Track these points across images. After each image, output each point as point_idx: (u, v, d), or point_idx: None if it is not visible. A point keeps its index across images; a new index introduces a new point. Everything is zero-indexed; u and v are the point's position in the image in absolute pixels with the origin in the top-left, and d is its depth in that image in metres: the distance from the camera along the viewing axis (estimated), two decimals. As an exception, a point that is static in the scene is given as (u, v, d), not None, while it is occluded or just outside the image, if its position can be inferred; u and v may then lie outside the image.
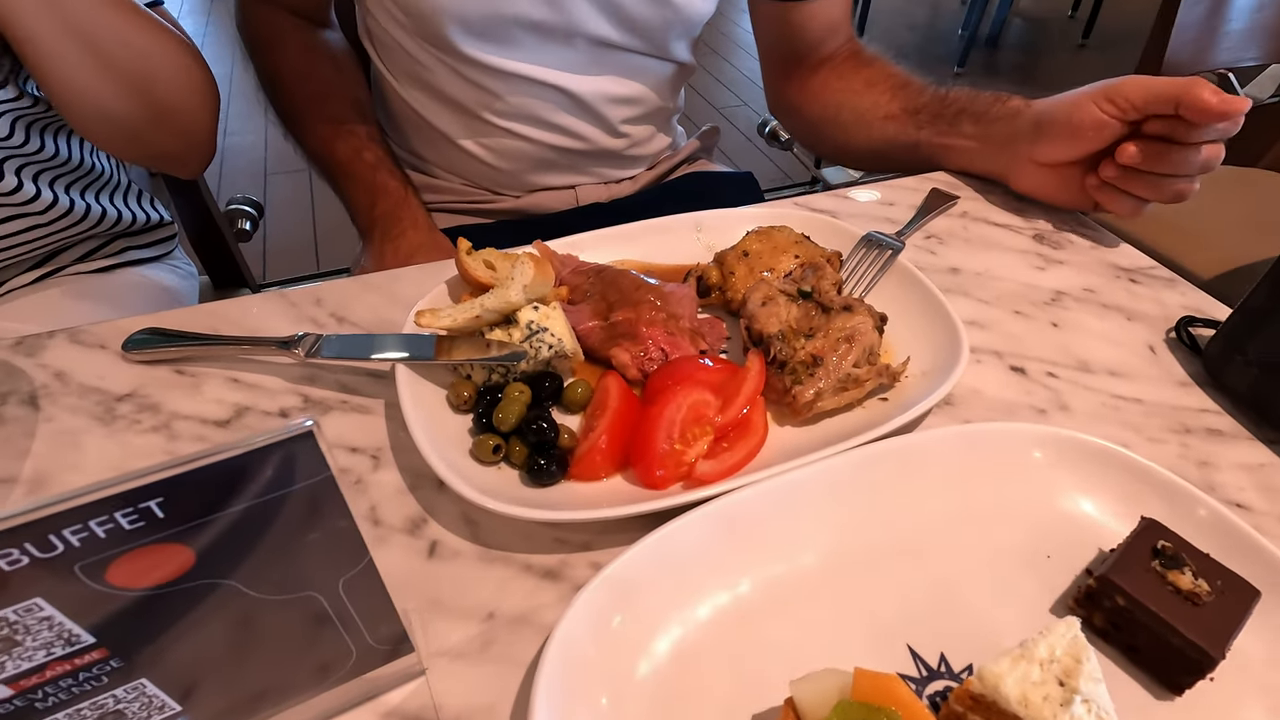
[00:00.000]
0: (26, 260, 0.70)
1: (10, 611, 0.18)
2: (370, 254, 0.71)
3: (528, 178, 0.81)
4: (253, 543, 0.21)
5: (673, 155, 0.90)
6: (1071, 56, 3.49)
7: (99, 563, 0.19)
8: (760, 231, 0.51)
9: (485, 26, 0.67)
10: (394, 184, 0.72)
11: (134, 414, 0.43)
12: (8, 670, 0.19)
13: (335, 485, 0.21)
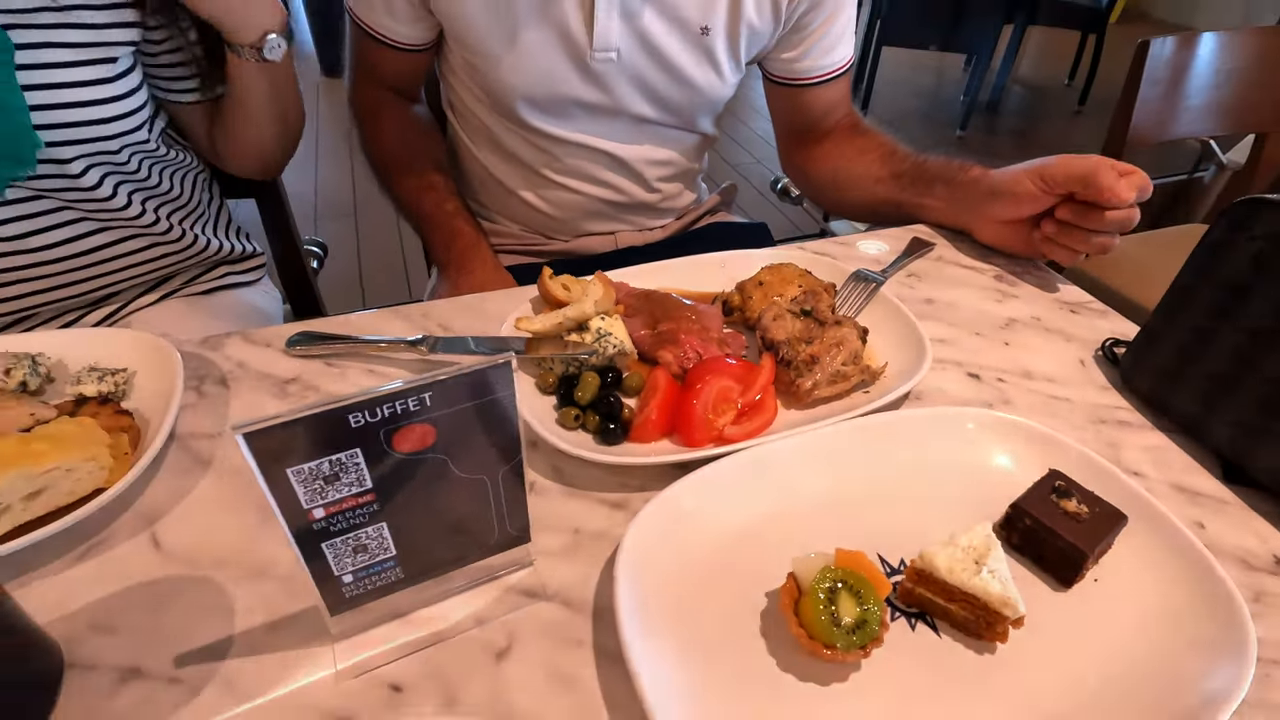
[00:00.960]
0: (149, 280, 0.84)
1: (343, 455, 0.32)
2: (446, 285, 0.86)
3: (577, 224, 0.97)
4: (463, 430, 0.34)
5: (697, 208, 1.06)
6: (1068, 121, 3.69)
7: (390, 430, 0.32)
8: (771, 267, 0.65)
9: (548, 104, 0.84)
10: (468, 229, 0.87)
11: (300, 393, 0.57)
12: (329, 496, 0.33)
13: (514, 398, 0.35)
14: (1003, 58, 3.50)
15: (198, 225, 0.86)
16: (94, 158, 0.71)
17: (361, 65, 0.90)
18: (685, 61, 0.82)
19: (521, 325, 0.56)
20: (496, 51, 0.79)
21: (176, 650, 0.39)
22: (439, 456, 0.35)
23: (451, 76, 0.90)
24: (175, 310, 0.87)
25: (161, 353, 0.55)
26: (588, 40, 0.77)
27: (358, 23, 0.84)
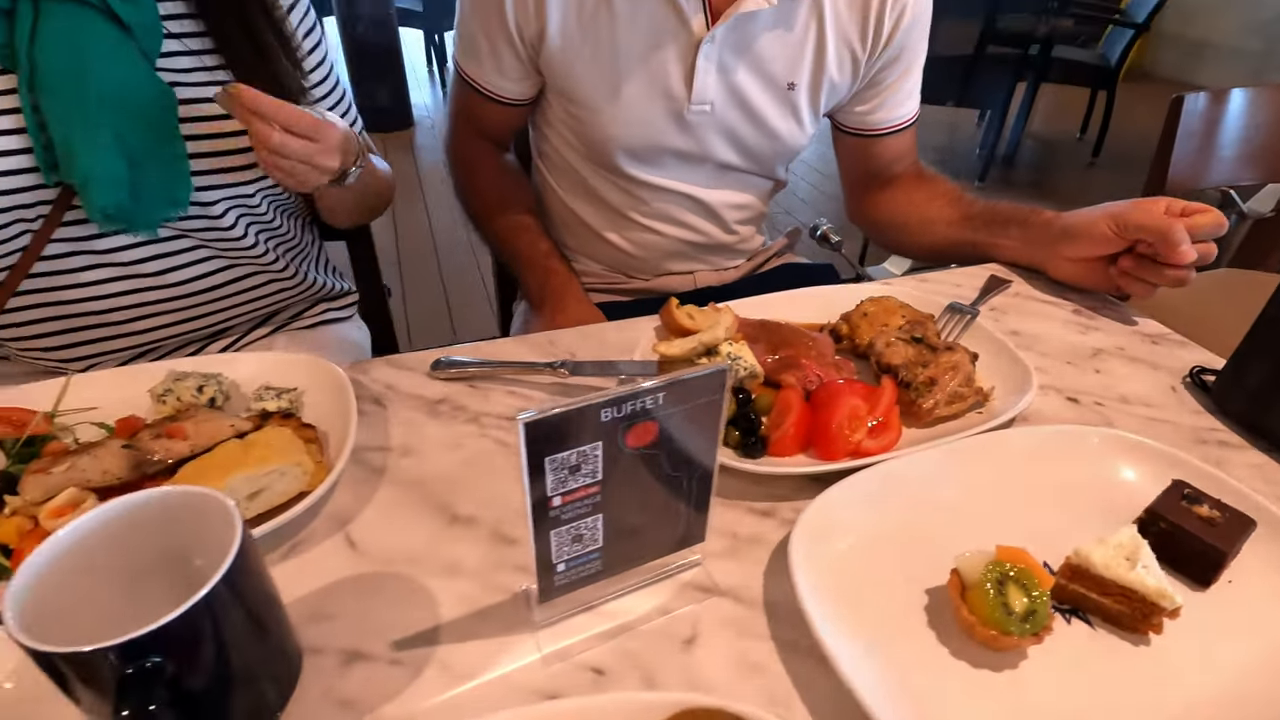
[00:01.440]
0: (262, 314, 0.90)
1: (588, 447, 0.36)
2: (542, 321, 0.91)
3: (658, 264, 1.03)
4: (679, 430, 0.39)
5: (766, 250, 1.12)
6: (1082, 174, 3.80)
7: (627, 426, 0.37)
8: (873, 299, 0.70)
9: (643, 153, 0.90)
10: (561, 268, 0.93)
11: (450, 412, 0.61)
12: (568, 486, 0.37)
13: (723, 403, 0.39)
14: (1017, 113, 3.63)
15: (305, 263, 0.92)
16: (234, 201, 0.78)
17: (464, 116, 0.97)
18: (771, 114, 0.89)
19: (660, 349, 0.60)
20: (600, 105, 0.86)
21: (392, 636, 0.43)
22: (657, 453, 0.39)
23: (546, 127, 0.98)
24: (283, 343, 0.92)
25: (328, 373, 0.59)
26: (686, 94, 0.84)
27: (465, 79, 0.92)
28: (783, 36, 0.84)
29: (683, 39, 0.82)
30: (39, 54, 0.62)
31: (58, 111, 0.64)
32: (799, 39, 0.84)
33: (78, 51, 0.63)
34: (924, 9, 0.87)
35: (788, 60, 0.85)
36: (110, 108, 0.65)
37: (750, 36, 0.82)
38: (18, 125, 0.64)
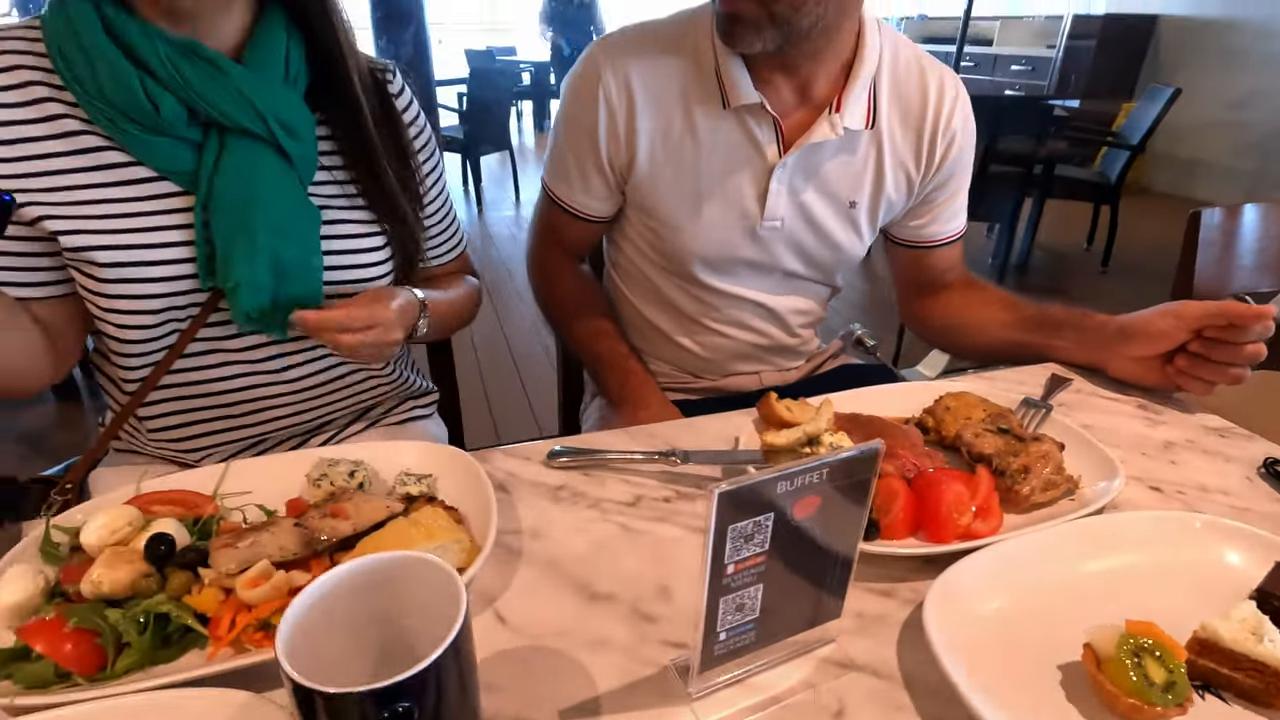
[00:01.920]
0: (359, 408, 0.96)
1: (762, 517, 0.40)
2: (623, 418, 0.96)
3: (725, 365, 1.09)
4: (836, 504, 0.43)
5: (823, 352, 1.18)
6: (1094, 282, 3.93)
7: (795, 498, 0.41)
8: (952, 394, 0.75)
9: (718, 264, 0.99)
10: (639, 369, 1.00)
11: (571, 498, 0.65)
12: (742, 554, 0.41)
13: (871, 482, 0.43)
14: (1025, 226, 3.82)
15: (398, 362, 1.00)
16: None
17: (548, 231, 1.07)
18: (834, 228, 0.98)
19: (768, 439, 0.65)
20: (681, 223, 0.95)
21: (556, 706, 0.45)
22: (816, 526, 0.43)
23: (622, 240, 1.07)
24: (377, 438, 0.98)
25: (459, 461, 0.64)
26: (759, 212, 0.94)
27: (553, 198, 1.02)
28: (847, 162, 0.94)
29: (758, 165, 0.92)
30: (218, 180, 0.72)
31: (224, 228, 0.72)
32: (861, 164, 0.94)
33: (249, 179, 0.73)
34: (970, 139, 0.98)
35: (850, 182, 0.95)
36: (268, 226, 0.74)
37: (818, 162, 0.93)
38: (188, 238, 0.73)
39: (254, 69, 0.72)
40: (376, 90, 0.83)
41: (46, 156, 0.69)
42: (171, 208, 0.73)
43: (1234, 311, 0.76)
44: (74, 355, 0.80)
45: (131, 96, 0.66)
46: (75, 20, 0.66)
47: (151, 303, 0.73)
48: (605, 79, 0.90)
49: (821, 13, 0.80)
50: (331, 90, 0.79)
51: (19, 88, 0.68)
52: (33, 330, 0.73)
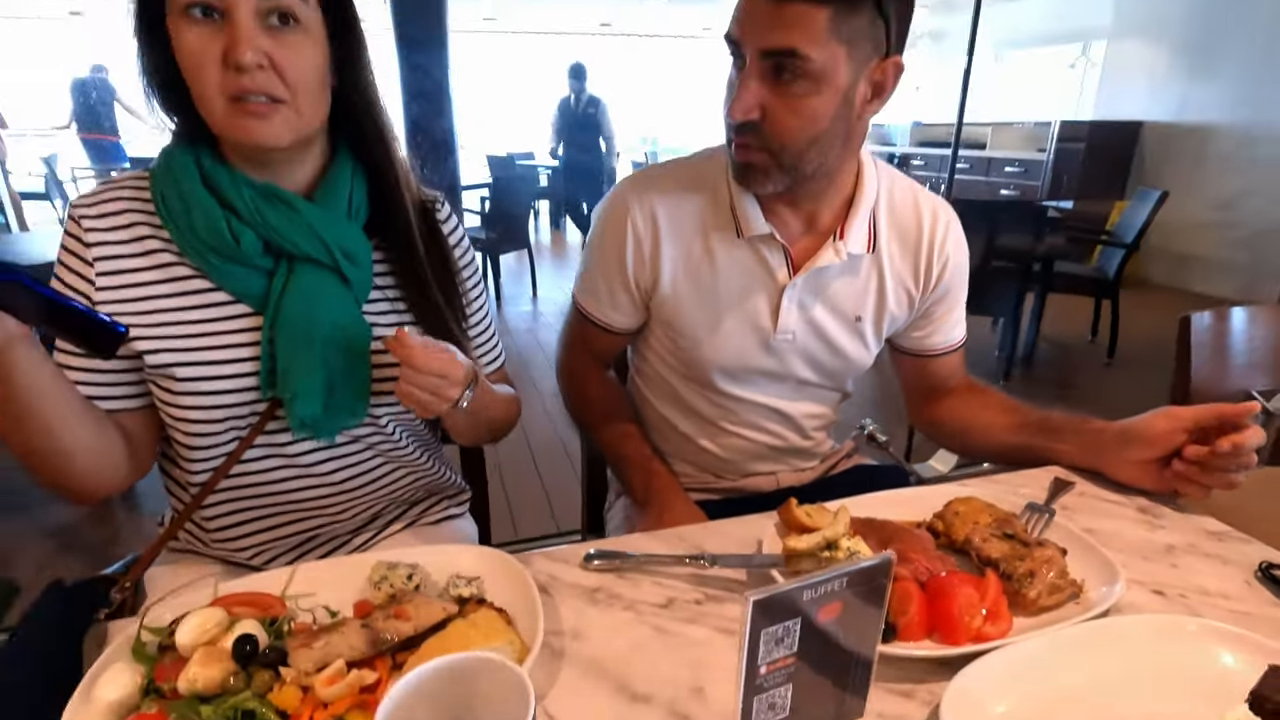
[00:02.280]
0: (400, 504, 1.02)
1: (791, 622, 0.46)
2: (648, 517, 1.01)
3: (744, 466, 1.15)
4: (856, 609, 0.48)
5: (837, 452, 1.24)
6: (1100, 374, 3.99)
7: (819, 604, 0.46)
8: (960, 499, 0.81)
9: (736, 373, 1.07)
10: (663, 470, 1.06)
11: (607, 600, 0.70)
12: (773, 656, 0.46)
13: (887, 588, 0.49)
14: (1028, 320, 3.93)
15: (435, 460, 1.06)
16: (394, 413, 0.93)
17: (578, 341, 1.16)
18: (843, 341, 1.06)
19: (789, 544, 0.71)
20: (702, 336, 1.04)
21: (605, 802, 0.49)
22: (839, 629, 0.48)
23: (646, 349, 1.16)
24: (415, 538, 1.03)
25: (504, 564, 0.70)
26: (773, 327, 1.03)
27: (583, 312, 1.11)
28: (851, 282, 1.03)
29: (770, 285, 1.01)
30: (285, 302, 0.81)
31: (287, 344, 0.81)
32: (864, 283, 1.04)
33: (313, 301, 0.82)
34: (963, 258, 1.08)
35: (855, 299, 1.04)
36: (325, 341, 0.83)
37: (825, 282, 1.02)
38: (254, 354, 0.82)
39: (322, 206, 0.83)
40: (426, 219, 0.94)
41: (143, 285, 0.80)
42: (242, 327, 0.82)
43: (1225, 411, 0.83)
44: (150, 461, 0.88)
45: (218, 233, 0.77)
46: (176, 170, 0.78)
47: (218, 412, 0.82)
48: (633, 211, 1.02)
49: (823, 159, 0.91)
50: (387, 220, 0.89)
51: (126, 228, 0.80)
52: (118, 439, 0.81)
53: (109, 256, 0.79)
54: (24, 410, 0.70)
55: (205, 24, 0.70)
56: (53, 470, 0.76)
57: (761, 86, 0.84)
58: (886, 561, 0.48)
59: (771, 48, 0.81)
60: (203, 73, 0.71)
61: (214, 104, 0.72)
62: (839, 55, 0.82)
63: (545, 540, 2.19)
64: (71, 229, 0.80)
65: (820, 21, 0.79)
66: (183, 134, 0.80)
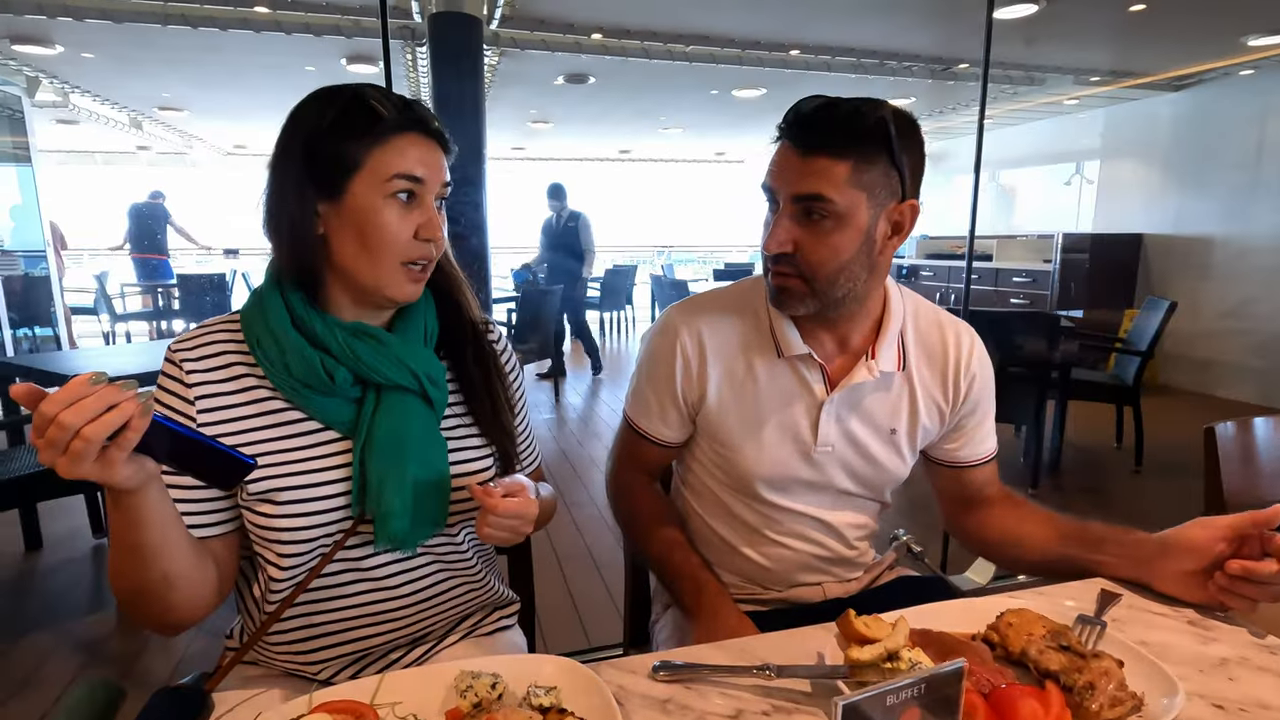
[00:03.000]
0: (453, 619, 1.05)
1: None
2: (699, 628, 1.04)
3: (790, 576, 1.18)
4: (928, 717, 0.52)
5: (880, 563, 1.26)
6: (1131, 480, 3.94)
7: (900, 712, 0.50)
8: (1013, 611, 0.84)
9: (778, 483, 1.12)
10: (713, 581, 1.09)
11: (678, 710, 0.73)
12: (861, 761, 0.49)
13: (959, 695, 0.53)
14: (1051, 426, 3.94)
15: (491, 572, 1.10)
16: (465, 519, 0.99)
17: (627, 455, 1.23)
18: (879, 452, 1.12)
19: (853, 655, 0.74)
20: (744, 448, 1.10)
21: None
22: (916, 734, 0.51)
23: (692, 461, 1.22)
24: (470, 650, 1.06)
25: (578, 674, 0.73)
26: (813, 439, 1.09)
27: (634, 427, 1.19)
28: (884, 397, 1.11)
29: (809, 400, 1.09)
30: (375, 427, 0.89)
31: (378, 465, 0.88)
32: (896, 398, 1.11)
33: (401, 424, 0.90)
34: (988, 374, 1.15)
35: (889, 413, 1.11)
36: (412, 459, 0.90)
37: (860, 397, 1.10)
38: (344, 475, 0.89)
39: (402, 335, 0.93)
40: (483, 335, 1.04)
41: (241, 419, 0.87)
42: (333, 451, 0.89)
43: (1259, 517, 0.86)
44: (230, 586, 0.92)
45: (313, 371, 0.86)
46: (269, 313, 0.87)
47: (312, 531, 0.87)
48: (681, 334, 1.12)
49: (851, 285, 1.02)
50: (455, 341, 1.00)
51: (225, 368, 0.89)
52: (212, 565, 0.86)
53: (209, 395, 0.86)
54: (149, 544, 0.74)
55: (404, 205, 0.85)
56: (155, 601, 0.79)
57: (793, 225, 0.98)
58: (959, 669, 0.52)
59: (800, 193, 0.95)
60: (397, 241, 0.85)
61: (387, 266, 0.86)
62: (859, 200, 0.95)
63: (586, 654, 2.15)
64: (169, 370, 0.86)
65: (842, 172, 0.93)
66: (281, 272, 0.89)
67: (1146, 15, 4.35)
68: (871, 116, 0.93)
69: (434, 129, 0.88)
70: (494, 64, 5.50)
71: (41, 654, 2.21)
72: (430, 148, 0.87)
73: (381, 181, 0.84)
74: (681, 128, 9.22)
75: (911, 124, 0.98)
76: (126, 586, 0.79)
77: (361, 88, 0.86)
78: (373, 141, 0.84)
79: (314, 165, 0.84)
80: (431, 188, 0.87)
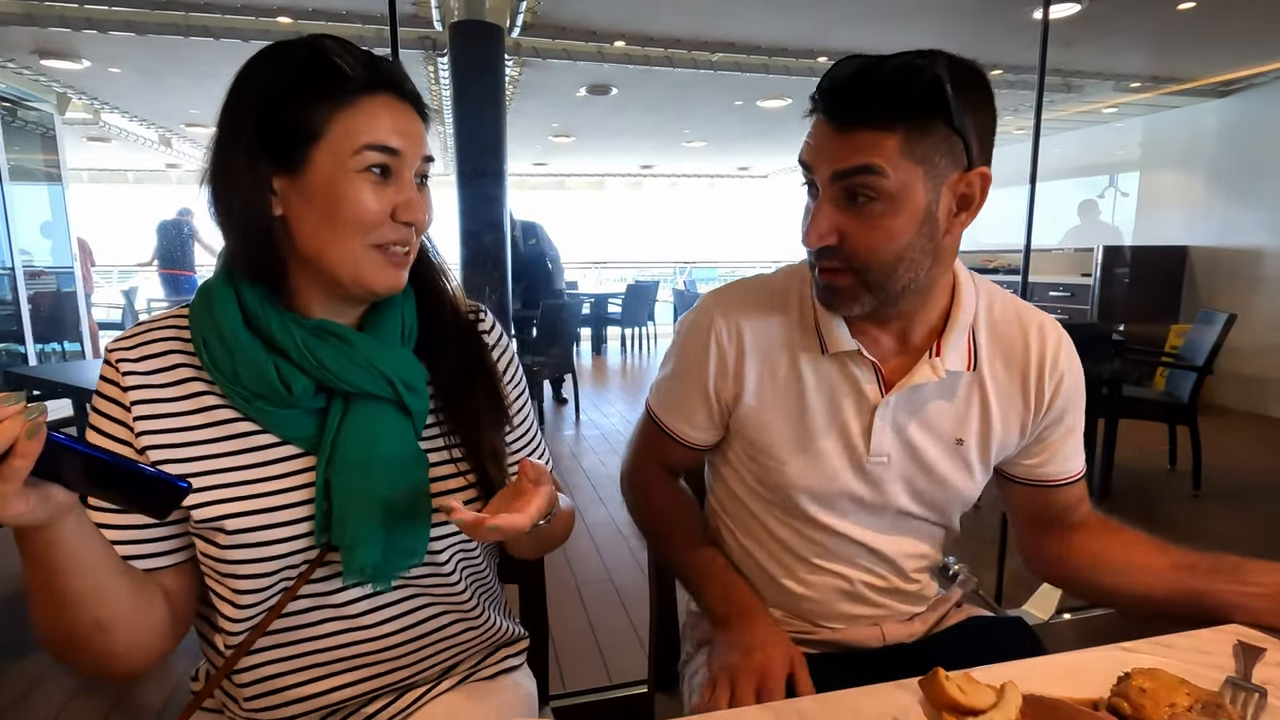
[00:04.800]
0: (449, 663, 0.89)
1: None
2: (729, 637, 0.89)
3: (838, 607, 1.01)
4: None
5: (947, 599, 1.08)
6: (1190, 506, 3.67)
7: None
8: (1144, 672, 0.66)
9: (827, 498, 0.96)
10: (743, 584, 0.95)
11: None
12: None
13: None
14: (1101, 447, 3.70)
15: (493, 607, 0.95)
16: (458, 548, 0.84)
17: (648, 451, 1.08)
18: (943, 466, 0.95)
19: (952, 730, 0.57)
20: (788, 457, 0.95)
21: None
22: None
23: (726, 468, 1.05)
24: (466, 696, 0.90)
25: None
26: (865, 448, 0.93)
27: (657, 423, 1.04)
28: (950, 401, 0.94)
29: (861, 403, 0.93)
30: (340, 441, 0.74)
31: (343, 486, 0.73)
32: (964, 403, 0.94)
33: (371, 438, 0.75)
34: (1078, 379, 0.98)
35: (955, 420, 0.94)
36: (384, 480, 0.75)
37: (921, 401, 0.93)
38: (307, 497, 0.74)
39: (375, 334, 0.78)
40: (471, 331, 0.89)
41: (186, 430, 0.73)
42: (293, 469, 0.75)
43: None
44: (189, 620, 0.79)
45: (266, 380, 0.71)
46: (217, 309, 0.72)
47: (270, 564, 0.73)
48: (717, 325, 0.97)
49: (914, 276, 0.85)
50: (436, 341, 0.84)
51: (169, 370, 0.74)
52: (160, 601, 0.72)
53: (148, 401, 0.73)
54: (70, 587, 0.61)
55: (379, 181, 0.71)
56: (88, 650, 0.67)
57: (836, 211, 0.82)
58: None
59: (842, 169, 0.79)
60: (369, 220, 0.71)
61: (356, 250, 0.71)
62: (915, 174, 0.78)
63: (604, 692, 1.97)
64: (107, 373, 0.73)
65: (891, 146, 0.77)
66: (234, 265, 0.74)
67: (1195, 15, 4.15)
68: (924, 75, 0.77)
69: (409, 91, 0.74)
70: (515, 75, 5.45)
71: (34, 679, 2.09)
72: (406, 114, 0.73)
73: (349, 154, 0.69)
74: (705, 141, 9.13)
75: (975, 77, 0.81)
76: (53, 638, 0.66)
77: (320, 39, 0.72)
78: (335, 104, 0.69)
79: (267, 133, 0.69)
80: (409, 161, 0.73)
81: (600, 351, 8.73)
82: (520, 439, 0.94)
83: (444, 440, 0.84)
